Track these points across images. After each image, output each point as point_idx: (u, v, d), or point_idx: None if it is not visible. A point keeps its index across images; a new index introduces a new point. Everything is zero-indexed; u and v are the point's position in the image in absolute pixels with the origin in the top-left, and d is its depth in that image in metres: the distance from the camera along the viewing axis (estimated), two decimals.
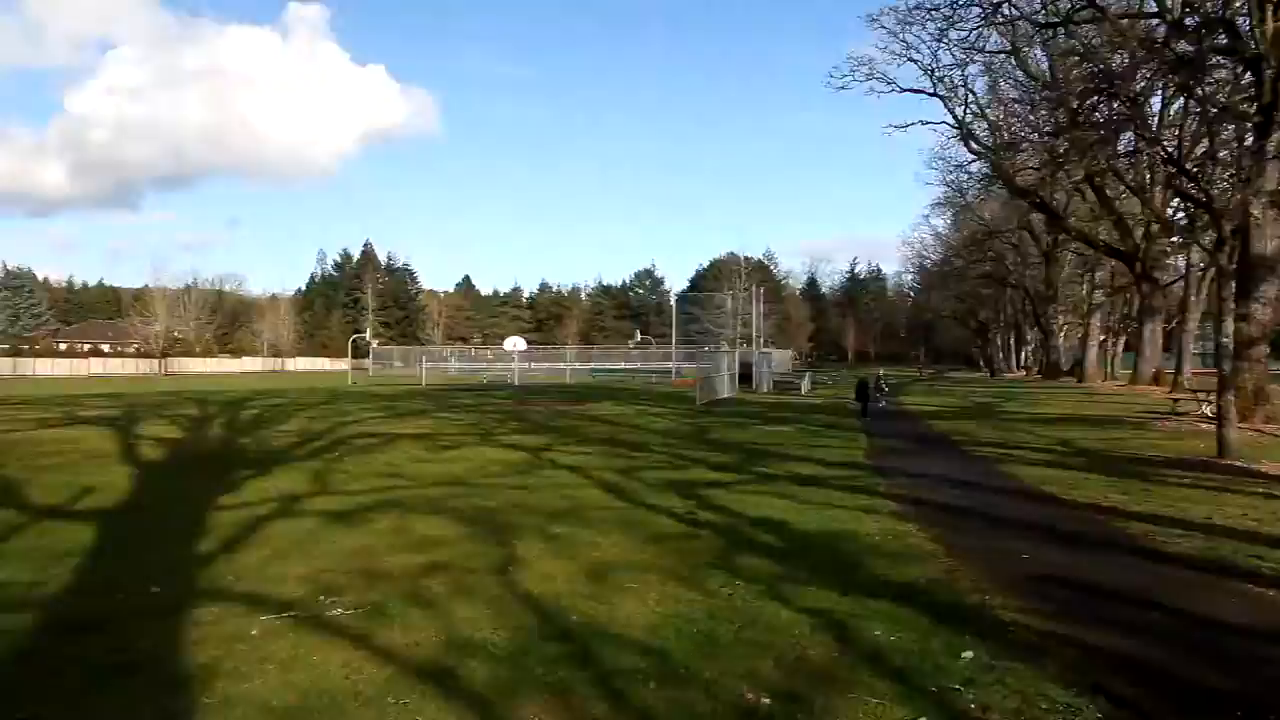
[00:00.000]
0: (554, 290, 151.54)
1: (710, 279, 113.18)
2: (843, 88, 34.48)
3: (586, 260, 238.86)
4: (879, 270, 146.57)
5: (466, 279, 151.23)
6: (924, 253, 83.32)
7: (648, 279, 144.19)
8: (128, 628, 5.61)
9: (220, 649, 5.19)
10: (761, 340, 56.84)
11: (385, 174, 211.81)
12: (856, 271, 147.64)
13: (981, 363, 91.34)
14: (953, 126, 38.34)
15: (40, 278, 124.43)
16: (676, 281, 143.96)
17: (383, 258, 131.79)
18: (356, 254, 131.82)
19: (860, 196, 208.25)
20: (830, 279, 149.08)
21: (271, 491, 11.03)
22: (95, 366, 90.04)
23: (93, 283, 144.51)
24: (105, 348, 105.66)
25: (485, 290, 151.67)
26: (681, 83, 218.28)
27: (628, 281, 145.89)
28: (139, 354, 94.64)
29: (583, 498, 10.69)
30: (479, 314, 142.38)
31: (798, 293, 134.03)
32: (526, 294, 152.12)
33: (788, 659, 5.00)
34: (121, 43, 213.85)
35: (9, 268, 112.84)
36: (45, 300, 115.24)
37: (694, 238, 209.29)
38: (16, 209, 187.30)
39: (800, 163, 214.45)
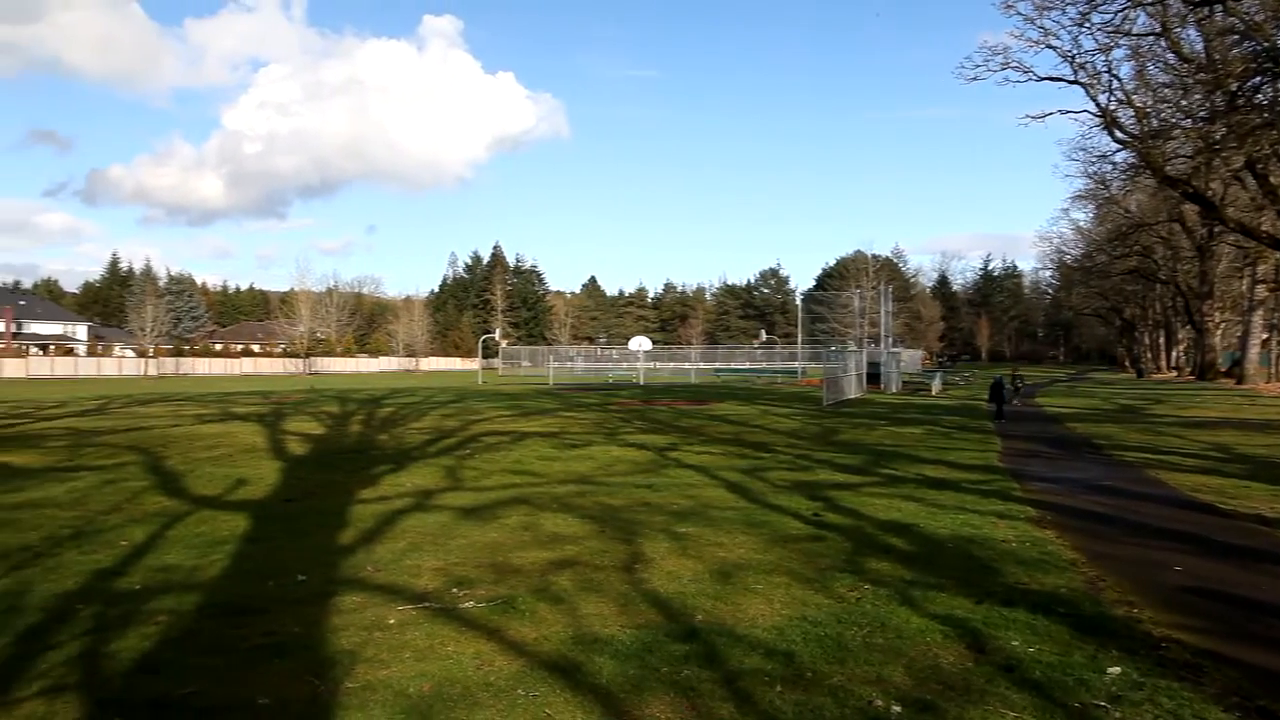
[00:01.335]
0: (678, 290, 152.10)
1: (836, 277, 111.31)
2: (975, 79, 33.04)
3: (711, 260, 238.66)
4: (1014, 266, 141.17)
5: (592, 279, 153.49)
6: (1063, 248, 79.45)
7: (773, 278, 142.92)
8: (278, 612, 5.92)
9: (361, 636, 5.42)
10: (890, 339, 55.52)
11: (514, 177, 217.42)
12: (990, 268, 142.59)
13: (1127, 363, 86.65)
14: (1095, 115, 36.31)
15: (199, 283, 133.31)
16: (802, 280, 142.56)
17: (511, 260, 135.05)
18: (486, 256, 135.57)
19: (993, 191, 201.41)
20: (962, 276, 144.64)
21: (407, 486, 11.45)
22: (246, 365, 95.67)
23: (244, 287, 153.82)
24: (255, 348, 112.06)
25: (610, 290, 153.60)
26: (806, 79, 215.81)
27: (752, 281, 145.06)
28: (285, 353, 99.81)
29: (708, 497, 10.68)
30: (604, 314, 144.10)
31: (928, 291, 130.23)
32: (651, 294, 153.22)
33: (919, 666, 4.86)
34: (272, 60, 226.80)
35: (172, 274, 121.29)
36: (203, 304, 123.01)
37: (820, 236, 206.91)
38: (180, 219, 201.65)
39: (930, 158, 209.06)
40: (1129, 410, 28.00)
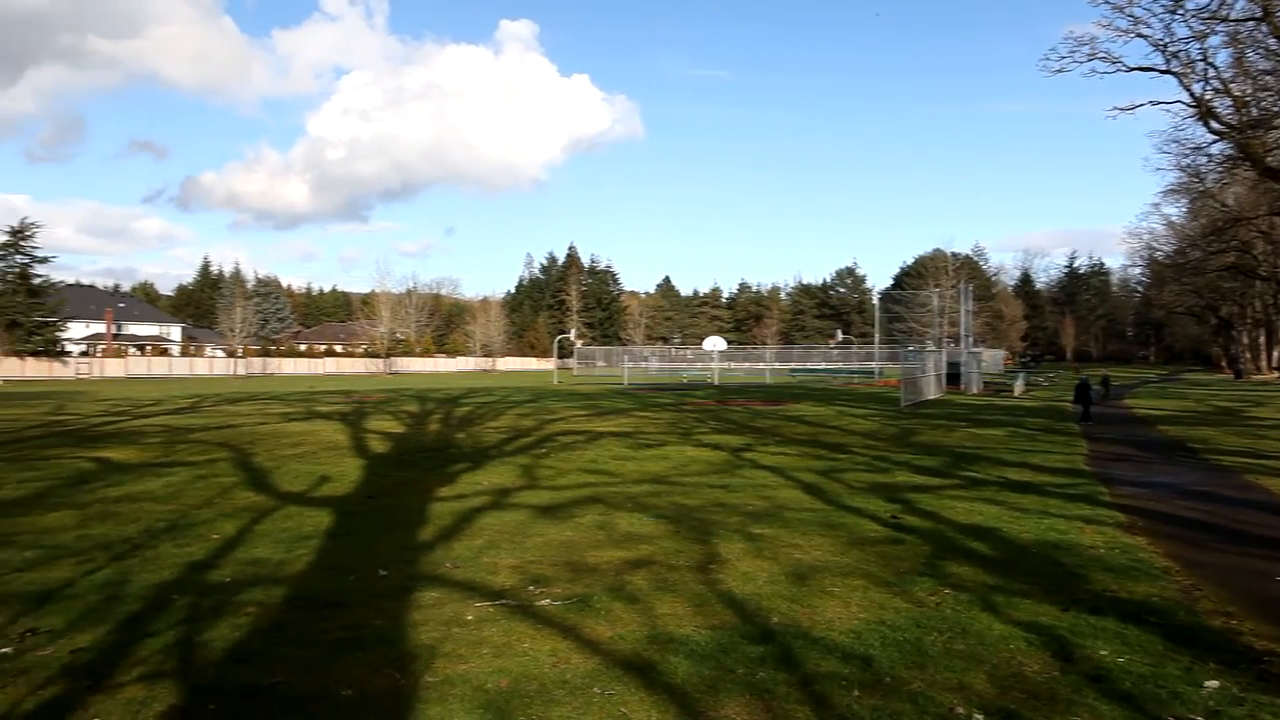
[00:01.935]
0: (753, 290, 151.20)
1: (914, 276, 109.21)
2: (1060, 71, 32.02)
3: (786, 259, 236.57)
4: (1101, 264, 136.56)
5: (666, 279, 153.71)
6: (1154, 244, 76.55)
7: (849, 277, 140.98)
8: (360, 606, 6.07)
9: (440, 631, 5.52)
10: (970, 339, 54.25)
11: (589, 179, 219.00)
12: (1075, 265, 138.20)
13: (1223, 363, 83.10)
14: (1189, 105, 34.86)
15: (285, 285, 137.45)
16: (879, 279, 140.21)
17: (586, 260, 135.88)
18: (561, 257, 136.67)
19: (1079, 186, 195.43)
20: (1046, 274, 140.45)
21: (484, 484, 11.62)
22: (329, 365, 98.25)
23: (327, 289, 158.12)
24: (338, 348, 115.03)
25: (684, 290, 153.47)
26: (881, 76, 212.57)
27: (828, 280, 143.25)
28: (366, 354, 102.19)
29: (783, 498, 10.59)
30: (678, 314, 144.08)
31: (1010, 289, 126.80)
32: (725, 294, 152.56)
33: (1002, 674, 4.74)
34: (354, 68, 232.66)
35: (259, 276, 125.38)
36: (288, 305, 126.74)
37: (897, 234, 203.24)
38: (267, 223, 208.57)
39: (1012, 153, 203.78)
40: (1226, 412, 26.87)
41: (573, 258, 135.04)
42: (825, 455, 14.97)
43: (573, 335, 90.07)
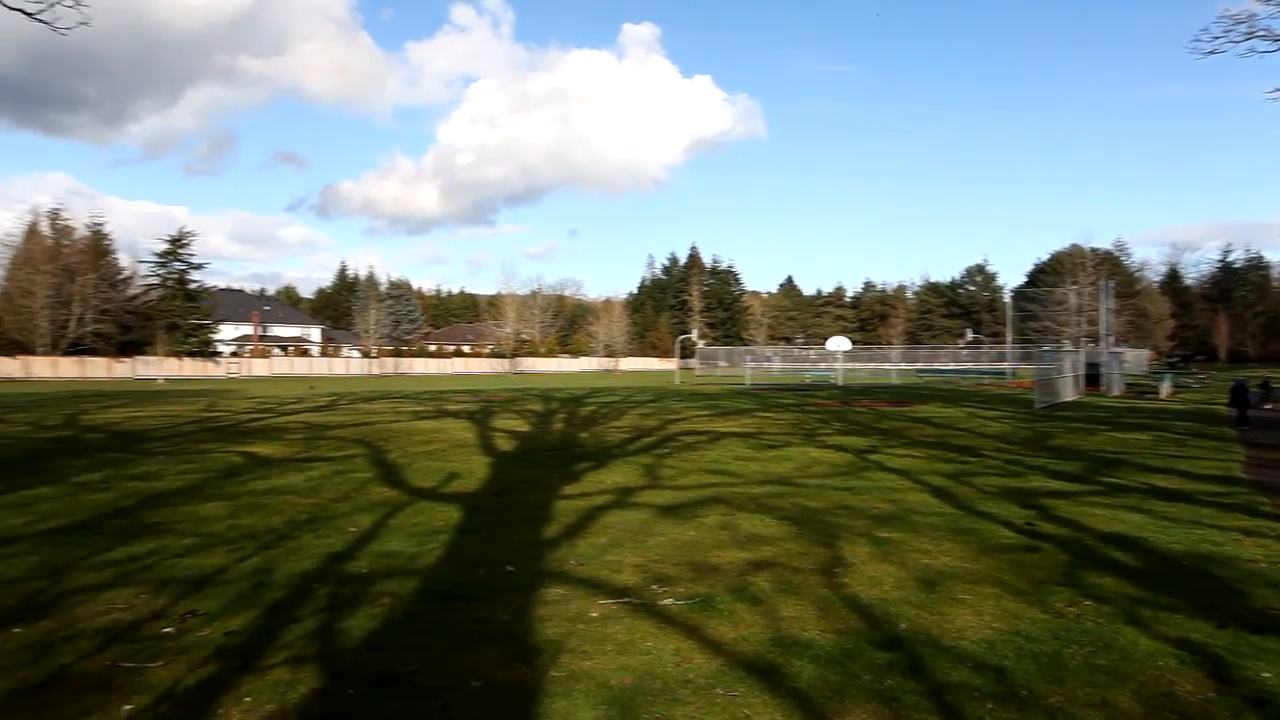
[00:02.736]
0: (878, 289, 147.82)
1: (1050, 273, 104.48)
2: (1212, 52, 30.13)
3: (912, 257, 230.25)
4: (1260, 257, 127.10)
5: (789, 279, 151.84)
6: None
7: (979, 275, 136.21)
8: (488, 600, 6.23)
9: (565, 627, 5.61)
10: (1111, 338, 51.60)
11: (711, 179, 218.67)
12: (1230, 260, 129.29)
13: None
14: None
15: (415, 287, 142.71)
16: (1011, 277, 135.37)
17: (708, 260, 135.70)
18: (683, 258, 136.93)
19: (1233, 176, 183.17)
20: (1196, 269, 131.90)
21: (607, 483, 11.75)
22: (458, 365, 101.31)
23: (456, 291, 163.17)
24: (466, 348, 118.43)
25: (807, 290, 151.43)
26: (1011, 65, 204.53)
27: (957, 278, 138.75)
28: (492, 354, 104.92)
29: (910, 502, 10.31)
30: (801, 314, 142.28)
31: (1155, 286, 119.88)
32: (849, 293, 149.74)
33: (1150, 693, 4.49)
34: (482, 76, 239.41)
35: (392, 279, 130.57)
36: (419, 307, 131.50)
37: (1031, 229, 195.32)
38: (400, 228, 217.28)
39: (1157, 142, 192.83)
40: None
41: (694, 258, 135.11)
42: (954, 458, 14.50)
43: (695, 335, 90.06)
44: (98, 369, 73.78)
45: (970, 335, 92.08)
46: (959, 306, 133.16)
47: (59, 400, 34.28)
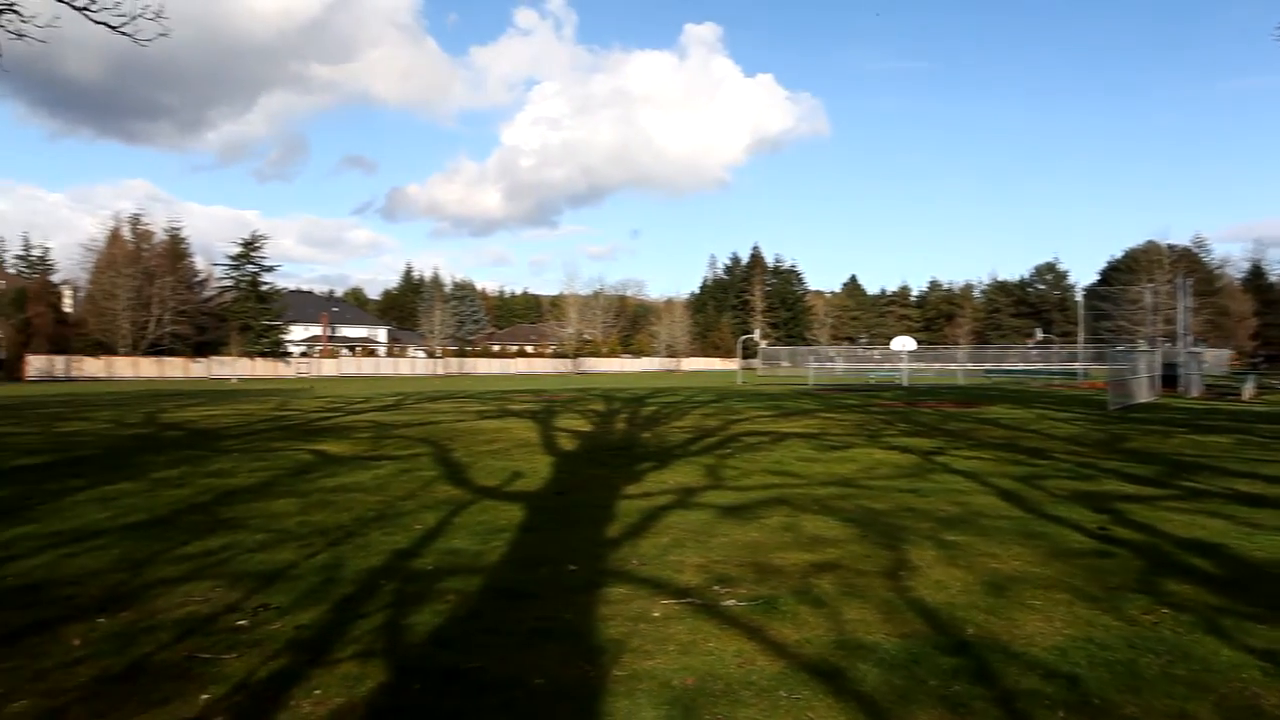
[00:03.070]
0: (944, 288, 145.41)
1: (1124, 271, 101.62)
2: None
3: (980, 255, 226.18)
4: None
5: (852, 278, 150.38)
6: None
7: (1049, 273, 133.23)
8: (550, 598, 6.27)
9: (627, 626, 5.62)
10: (1189, 338, 49.94)
11: (773, 178, 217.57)
12: None
13: None
14: None
15: (479, 288, 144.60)
16: (1083, 275, 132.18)
17: (770, 260, 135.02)
18: (745, 257, 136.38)
19: None
20: None
21: (669, 483, 11.75)
22: (521, 365, 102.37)
23: (518, 291, 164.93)
24: (529, 348, 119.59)
25: (871, 289, 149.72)
26: (1083, 56, 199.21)
27: (1026, 276, 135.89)
28: (555, 354, 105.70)
29: (978, 505, 10.11)
30: (865, 313, 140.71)
31: (1237, 283, 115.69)
32: (914, 292, 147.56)
33: (1232, 705, 4.33)
34: (545, 78, 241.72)
35: (456, 280, 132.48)
36: (482, 308, 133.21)
37: (1104, 226, 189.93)
38: (464, 230, 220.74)
39: (1239, 135, 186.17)
40: None
41: (756, 258, 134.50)
42: (1024, 460, 14.18)
43: (757, 335, 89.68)
44: (175, 369, 76.28)
45: (1040, 335, 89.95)
46: (1028, 305, 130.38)
47: (139, 399, 35.51)
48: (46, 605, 6.09)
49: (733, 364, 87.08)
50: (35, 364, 69.53)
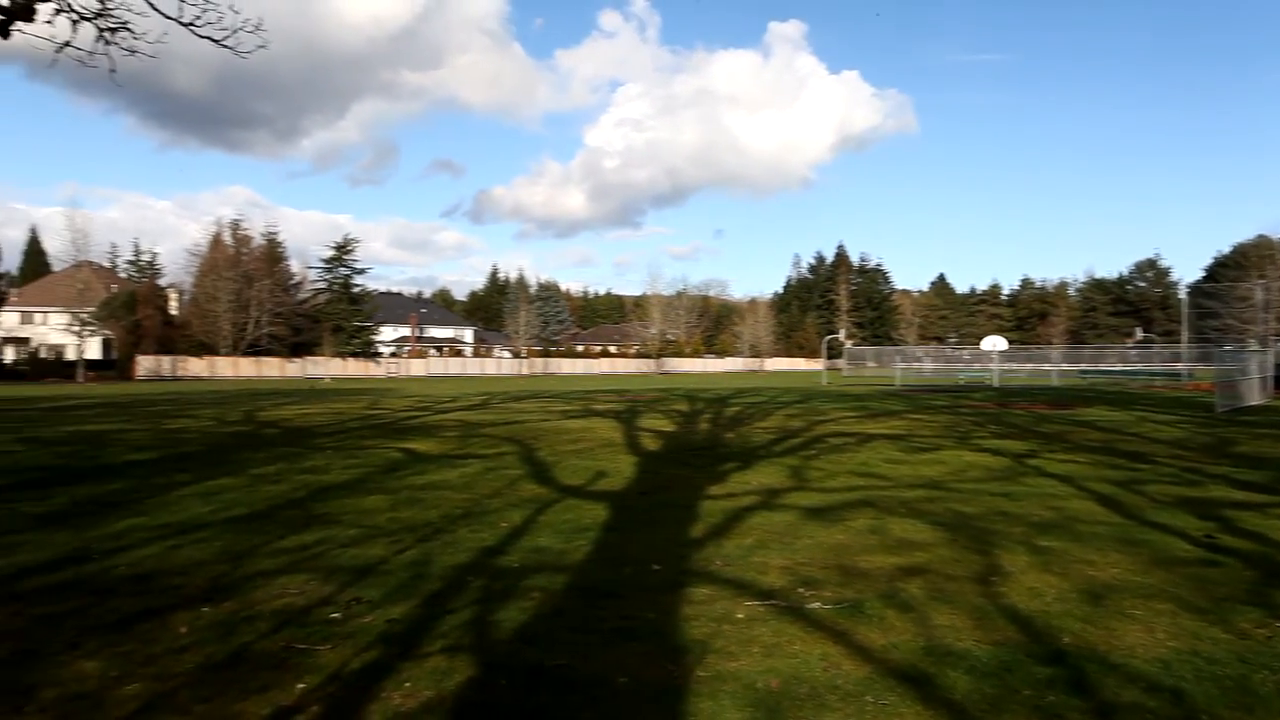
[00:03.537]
0: (1037, 286, 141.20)
1: (1232, 267, 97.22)
2: None
3: (1074, 252, 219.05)
4: None
5: (941, 277, 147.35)
6: None
7: (1150, 269, 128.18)
8: (634, 598, 6.29)
9: (710, 627, 5.60)
10: None
11: (858, 176, 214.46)
12: None
13: None
14: None
15: (563, 289, 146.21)
16: (1187, 272, 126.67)
17: (855, 259, 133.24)
18: (830, 256, 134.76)
19: None
20: None
21: (753, 484, 11.66)
22: (604, 365, 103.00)
23: (602, 292, 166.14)
24: (612, 348, 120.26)
25: (960, 288, 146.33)
26: (1184, 41, 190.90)
27: (1125, 273, 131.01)
28: (638, 354, 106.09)
29: (1073, 510, 9.77)
30: (954, 313, 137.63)
31: None
32: (1005, 291, 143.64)
33: None
34: (628, 80, 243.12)
35: (541, 281, 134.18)
36: (567, 308, 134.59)
37: (1209, 221, 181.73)
38: (549, 231, 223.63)
39: None
40: None
41: (842, 257, 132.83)
42: (1123, 465, 13.65)
43: (842, 335, 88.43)
44: (272, 368, 79.13)
45: (1140, 334, 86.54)
46: (1127, 304, 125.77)
47: (238, 397, 36.91)
48: (156, 594, 6.38)
49: (817, 364, 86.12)
50: (144, 364, 73.01)
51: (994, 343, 58.10)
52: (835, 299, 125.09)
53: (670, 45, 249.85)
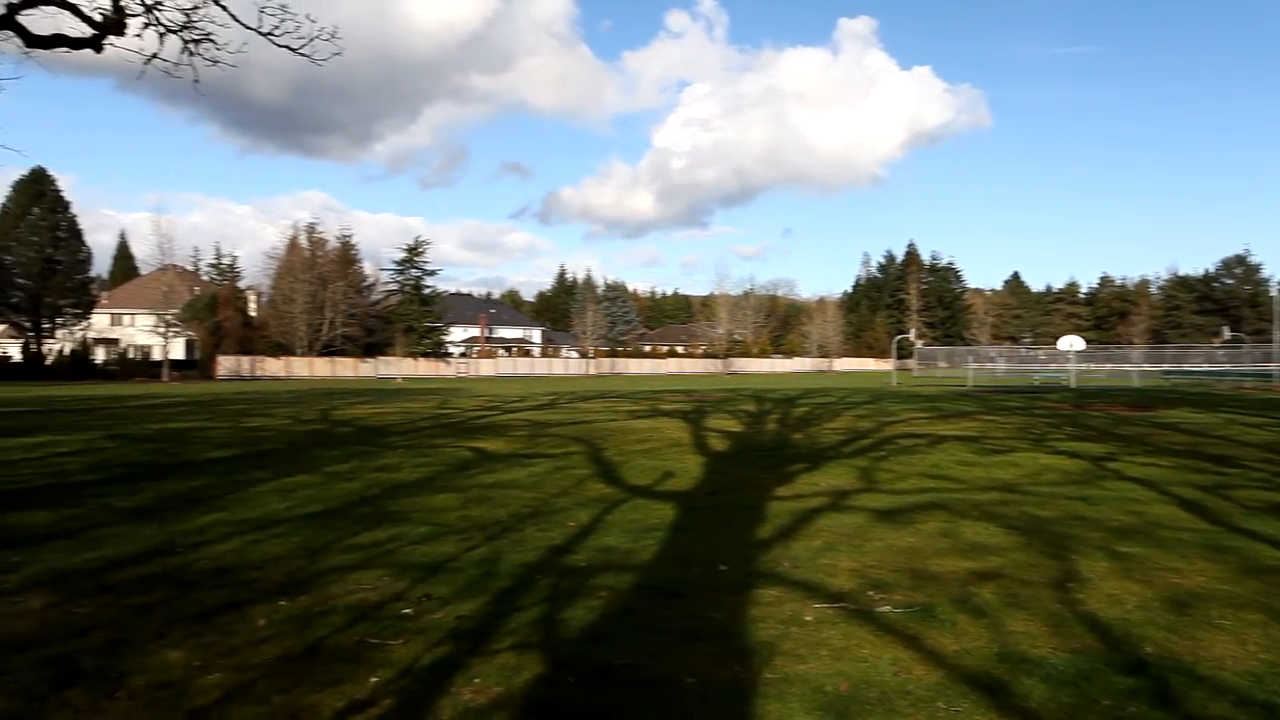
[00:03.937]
0: (1116, 284, 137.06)
1: None
2: None
3: (1156, 249, 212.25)
4: None
5: (1015, 275, 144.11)
6: None
7: (1238, 266, 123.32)
8: (700, 598, 6.27)
9: (778, 629, 5.55)
10: None
11: (930, 173, 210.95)
12: None
13: None
14: None
15: (631, 289, 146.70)
16: (1278, 268, 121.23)
17: (926, 257, 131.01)
18: (900, 255, 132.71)
19: None
20: None
21: (821, 485, 11.55)
22: (671, 365, 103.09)
23: (669, 292, 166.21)
24: (679, 349, 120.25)
25: (1036, 286, 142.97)
26: (1272, 29, 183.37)
27: (1211, 270, 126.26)
28: (706, 354, 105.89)
29: (1155, 515, 9.45)
30: (1029, 312, 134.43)
31: None
32: (1083, 289, 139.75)
33: None
34: (696, 80, 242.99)
35: (608, 282, 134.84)
36: (634, 309, 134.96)
37: None
38: (616, 232, 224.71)
39: None
40: None
41: (912, 255, 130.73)
42: (1209, 469, 13.15)
43: (912, 335, 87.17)
44: (346, 368, 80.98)
45: (1228, 333, 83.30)
46: (1214, 302, 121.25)
47: (314, 396, 37.86)
48: (235, 587, 6.58)
49: (887, 364, 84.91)
50: (225, 364, 75.45)
51: (1070, 342, 56.54)
52: (905, 298, 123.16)
53: (738, 44, 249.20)
